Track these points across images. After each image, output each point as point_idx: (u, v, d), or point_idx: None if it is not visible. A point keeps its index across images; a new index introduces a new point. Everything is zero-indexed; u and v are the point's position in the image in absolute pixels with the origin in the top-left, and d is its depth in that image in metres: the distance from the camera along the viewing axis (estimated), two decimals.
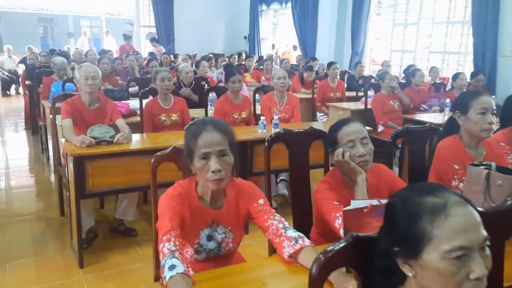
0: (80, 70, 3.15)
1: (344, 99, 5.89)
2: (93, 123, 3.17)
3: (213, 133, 1.45)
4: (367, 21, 8.06)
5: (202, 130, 1.46)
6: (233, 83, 3.85)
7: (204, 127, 1.46)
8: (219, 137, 1.45)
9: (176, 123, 3.78)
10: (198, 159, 1.45)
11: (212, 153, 1.44)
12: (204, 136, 1.44)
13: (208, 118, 1.52)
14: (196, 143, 1.45)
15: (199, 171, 1.46)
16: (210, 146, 1.43)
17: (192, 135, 1.47)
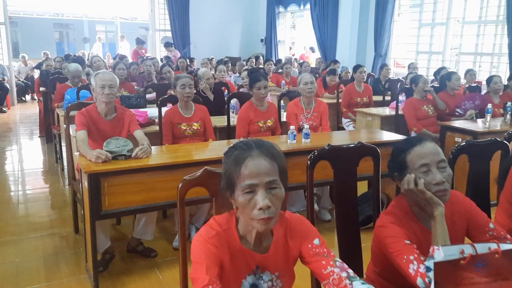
0: (96, 78, 2.90)
1: (371, 104, 5.57)
2: (109, 135, 2.92)
3: (260, 159, 1.17)
4: (391, 22, 7.72)
5: (247, 157, 1.17)
6: (259, 89, 3.57)
7: (249, 153, 1.18)
8: (268, 165, 1.17)
9: (197, 132, 3.52)
10: (242, 192, 1.17)
11: (260, 186, 1.16)
12: (249, 163, 1.16)
13: (252, 141, 1.23)
14: (239, 173, 1.17)
15: (243, 207, 1.18)
16: (257, 176, 1.15)
17: (234, 162, 1.19)
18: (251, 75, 3.62)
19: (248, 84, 3.66)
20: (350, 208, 1.91)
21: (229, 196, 1.23)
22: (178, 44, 10.89)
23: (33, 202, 4.10)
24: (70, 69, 5.03)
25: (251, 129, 3.66)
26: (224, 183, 1.23)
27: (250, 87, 3.61)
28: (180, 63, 7.77)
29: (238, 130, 3.65)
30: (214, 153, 2.86)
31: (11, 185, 4.60)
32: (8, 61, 9.56)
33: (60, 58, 8.32)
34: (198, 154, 2.81)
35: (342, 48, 8.72)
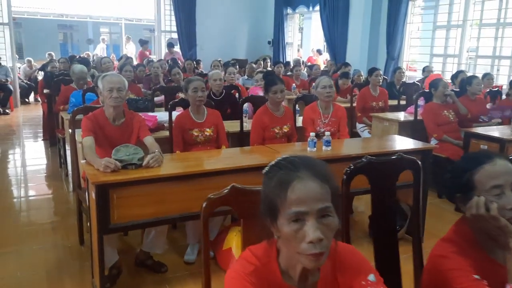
0: (104, 81, 2.72)
1: (386, 108, 5.37)
2: (117, 141, 2.73)
3: (309, 182, 0.97)
4: (404, 24, 7.52)
5: (294, 178, 0.98)
6: (275, 93, 3.38)
7: (296, 174, 0.98)
8: (319, 189, 0.97)
9: (210, 139, 3.32)
10: (288, 221, 0.97)
11: (310, 214, 0.96)
12: (297, 187, 0.97)
13: (297, 158, 1.03)
14: (284, 198, 0.97)
15: (288, 238, 0.98)
16: (306, 203, 0.96)
17: (277, 184, 0.99)
18: (267, 78, 3.42)
19: (263, 87, 3.46)
20: (389, 225, 1.72)
21: (270, 223, 1.03)
22: (184, 46, 10.72)
23: (36, 209, 3.91)
24: (75, 71, 4.86)
25: (266, 135, 3.46)
26: (264, 208, 1.03)
27: (266, 91, 3.42)
28: (187, 65, 7.59)
29: (253, 137, 3.45)
30: (229, 161, 2.66)
31: (13, 190, 4.42)
32: (11, 62, 9.41)
33: (64, 59, 8.14)
34: (212, 163, 2.62)
35: (352, 50, 8.53)
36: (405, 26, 7.55)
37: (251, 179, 2.60)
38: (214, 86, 4.52)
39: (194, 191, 2.46)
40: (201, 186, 2.47)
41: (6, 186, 4.54)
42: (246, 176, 2.58)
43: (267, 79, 3.45)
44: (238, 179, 2.60)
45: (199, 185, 2.47)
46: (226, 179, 2.53)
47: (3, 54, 9.27)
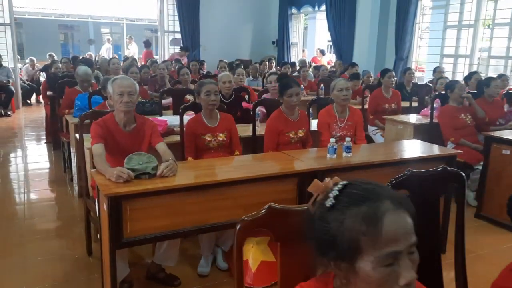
0: (114, 84, 2.58)
1: (399, 111, 5.23)
2: (128, 148, 2.60)
3: (401, 214, 0.82)
4: (413, 24, 7.37)
5: (383, 212, 0.82)
6: (290, 97, 3.24)
7: (382, 205, 0.83)
8: (409, 220, 0.83)
9: (223, 144, 3.18)
10: (379, 264, 0.81)
11: (404, 253, 0.82)
12: (390, 222, 0.81)
13: (371, 185, 0.87)
14: (374, 236, 0.81)
15: (378, 283, 0.82)
16: (401, 240, 0.81)
17: (361, 220, 0.82)
18: (282, 81, 3.28)
19: (278, 90, 3.32)
20: (431, 245, 1.58)
21: (334, 263, 0.87)
22: (187, 46, 10.56)
23: (40, 217, 3.77)
24: (78, 73, 4.72)
25: (280, 140, 3.32)
26: (329, 246, 0.86)
27: (281, 94, 3.27)
28: (192, 66, 7.44)
29: (267, 142, 3.31)
30: (246, 170, 2.52)
31: (16, 196, 4.28)
32: (13, 63, 9.27)
33: (66, 59, 8.01)
34: (229, 172, 2.47)
35: (359, 50, 8.39)
36: (414, 26, 7.41)
37: (270, 189, 2.48)
38: (224, 88, 4.38)
39: (210, 202, 2.33)
40: (218, 197, 2.34)
41: (8, 191, 4.40)
42: (264, 185, 2.45)
43: (282, 81, 3.31)
44: (256, 189, 2.49)
45: (215, 196, 2.33)
46: (244, 189, 2.40)
47: (5, 55, 9.13)
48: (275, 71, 4.56)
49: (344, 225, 0.83)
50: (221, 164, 2.69)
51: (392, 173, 2.80)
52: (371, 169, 2.74)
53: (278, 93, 3.29)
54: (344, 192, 0.87)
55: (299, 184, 2.55)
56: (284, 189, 2.52)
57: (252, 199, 2.44)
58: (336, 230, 0.84)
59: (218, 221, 2.37)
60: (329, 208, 0.86)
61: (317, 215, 0.89)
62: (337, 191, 0.88)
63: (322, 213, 0.88)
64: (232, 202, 2.39)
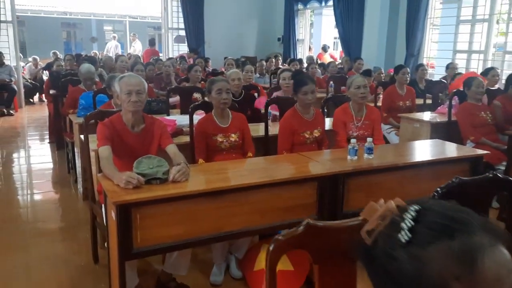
0: (121, 82, 2.42)
1: (414, 108, 5.05)
2: (136, 150, 2.45)
3: (500, 250, 0.64)
4: (425, 19, 7.17)
5: (481, 247, 0.63)
6: (305, 94, 3.07)
7: (476, 238, 0.63)
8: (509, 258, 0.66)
9: (235, 145, 3.02)
10: None
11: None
12: (489, 260, 0.63)
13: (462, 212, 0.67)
14: (472, 279, 0.62)
15: None
16: (505, 282, 0.62)
17: (457, 257, 0.63)
18: (296, 78, 3.11)
19: (292, 88, 3.15)
20: None
21: None
22: (192, 43, 10.41)
23: (44, 221, 3.62)
24: (81, 71, 4.56)
25: (295, 140, 3.16)
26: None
27: (295, 92, 3.11)
28: (198, 63, 7.26)
29: (281, 143, 3.15)
30: (263, 174, 2.36)
31: (19, 198, 4.14)
32: (15, 61, 9.13)
33: (70, 56, 7.85)
34: (244, 176, 2.31)
35: (368, 46, 8.19)
36: (425, 21, 7.21)
37: (288, 194, 2.31)
38: (233, 86, 4.20)
39: (225, 208, 2.17)
40: (233, 203, 2.19)
41: (11, 193, 4.26)
42: (282, 190, 2.30)
43: (296, 78, 3.14)
44: (273, 194, 2.32)
45: (230, 201, 2.18)
46: (260, 194, 2.25)
47: (7, 53, 8.98)
48: (288, 67, 4.38)
49: (428, 266, 0.64)
50: (235, 167, 2.53)
51: (417, 176, 2.67)
52: (395, 172, 2.58)
53: (292, 91, 3.13)
54: (422, 222, 0.68)
55: (319, 188, 2.39)
56: (303, 194, 2.37)
57: (269, 205, 2.28)
58: (415, 271, 0.65)
59: (233, 229, 2.22)
60: (404, 244, 0.68)
61: (383, 251, 0.70)
62: (410, 219, 0.69)
63: (391, 248, 0.68)
64: (247, 208, 2.23)
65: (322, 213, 2.42)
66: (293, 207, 2.35)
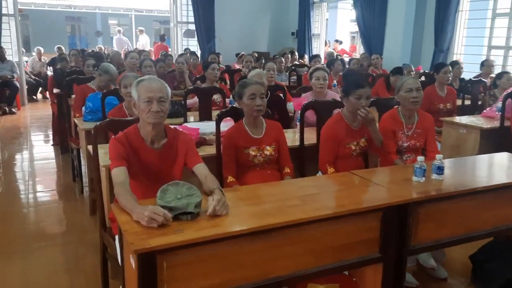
0: (139, 87, 1.96)
1: (454, 111, 4.56)
2: (157, 170, 2.00)
3: None
4: (456, 12, 6.65)
5: None
6: (358, 99, 2.58)
7: None
8: None
9: (270, 159, 2.56)
10: None
11: None
12: None
13: None
14: None
15: None
16: None
17: None
18: (350, 79, 2.64)
19: (342, 89, 2.67)
20: None
21: None
22: (202, 38, 9.92)
23: (46, 241, 3.17)
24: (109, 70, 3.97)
25: (339, 152, 2.69)
26: None
27: (345, 94, 2.63)
28: (211, 59, 6.79)
29: (323, 155, 2.68)
30: (321, 204, 1.88)
31: (20, 214, 3.69)
32: (17, 56, 8.68)
33: (76, 51, 7.40)
34: (297, 207, 1.82)
35: (392, 42, 7.67)
36: (456, 14, 6.68)
37: (346, 228, 1.84)
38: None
39: (273, 249, 1.72)
40: (282, 242, 1.73)
41: (12, 208, 3.80)
42: (340, 223, 1.83)
43: (350, 79, 2.66)
44: (330, 229, 1.85)
45: (279, 241, 1.72)
46: (315, 230, 1.79)
47: (9, 47, 8.55)
48: (321, 66, 3.89)
49: None
50: (280, 193, 2.04)
51: (497, 200, 2.19)
52: (472, 197, 2.11)
53: (342, 93, 2.64)
54: None
55: (383, 220, 1.92)
56: (364, 227, 1.90)
57: (324, 242, 1.82)
58: None
59: (281, 274, 1.76)
60: None
61: None
62: None
63: None
64: (299, 247, 1.78)
65: (386, 250, 1.96)
66: (351, 244, 1.89)
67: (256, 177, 2.51)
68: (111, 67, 4.01)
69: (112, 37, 18.90)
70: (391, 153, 2.86)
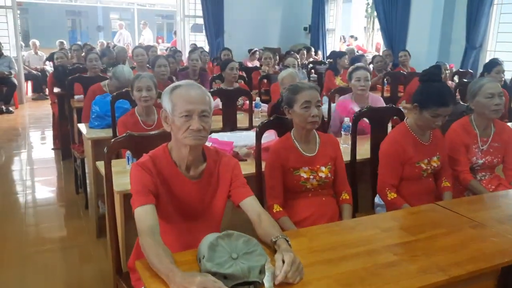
0: (175, 96, 1.47)
1: (506, 116, 4.04)
2: (192, 206, 1.53)
3: None
4: (491, 4, 6.11)
5: None
6: (435, 117, 2.06)
7: None
8: None
9: (325, 183, 2.05)
10: None
11: None
12: None
13: None
14: None
15: None
16: None
17: None
18: (432, 90, 2.06)
19: (418, 99, 2.14)
20: None
21: None
22: (210, 33, 9.38)
23: (46, 276, 2.67)
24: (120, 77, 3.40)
25: (407, 173, 2.18)
26: None
27: (421, 107, 2.10)
28: (224, 55, 6.28)
29: (385, 175, 2.17)
30: (432, 262, 1.37)
31: (17, 237, 3.18)
32: (15, 51, 8.15)
33: (78, 46, 6.85)
34: (395, 266, 1.32)
35: (416, 37, 7.12)
36: (491, 7, 6.14)
37: None
38: None
39: None
40: None
41: (7, 227, 3.29)
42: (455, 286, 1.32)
43: (431, 91, 2.05)
44: None
45: None
46: None
47: (6, 42, 8.00)
48: (362, 64, 3.38)
49: None
50: (359, 239, 1.51)
51: None
52: None
53: (418, 104, 2.12)
54: None
55: (501, 284, 1.42)
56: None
57: None
58: None
59: None
60: None
61: None
62: None
63: None
64: None
65: None
66: None
67: (309, 206, 2.01)
68: (126, 71, 3.43)
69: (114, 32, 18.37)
70: (464, 171, 2.36)
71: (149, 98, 2.70)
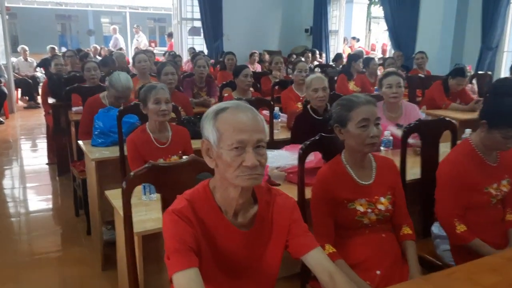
0: (221, 122, 1.12)
1: None
2: (243, 263, 1.15)
3: None
4: (508, 3, 5.85)
5: None
6: (507, 138, 1.74)
7: None
8: None
9: (385, 217, 1.71)
10: None
11: None
12: None
13: None
14: None
15: None
16: None
17: None
18: (508, 109, 1.74)
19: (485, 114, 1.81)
20: None
21: None
22: (209, 36, 9.04)
23: None
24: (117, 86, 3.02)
25: (474, 200, 1.85)
26: None
27: (490, 125, 1.77)
28: (228, 60, 5.93)
29: (448, 204, 1.83)
30: None
31: (7, 263, 2.80)
32: (5, 58, 7.73)
33: (72, 53, 6.43)
34: None
35: (426, 38, 6.83)
36: (508, 5, 5.88)
37: None
38: (315, 100, 2.92)
39: None
40: None
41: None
42: None
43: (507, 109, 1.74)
44: None
45: None
46: None
47: None
48: (394, 70, 3.05)
49: None
50: None
51: None
52: None
53: (487, 122, 1.78)
54: None
55: None
56: None
57: None
58: None
59: None
60: None
61: None
62: None
63: None
64: None
65: None
66: None
67: (367, 245, 1.67)
68: (124, 80, 3.05)
69: (106, 36, 17.89)
70: None
71: (167, 112, 2.35)
